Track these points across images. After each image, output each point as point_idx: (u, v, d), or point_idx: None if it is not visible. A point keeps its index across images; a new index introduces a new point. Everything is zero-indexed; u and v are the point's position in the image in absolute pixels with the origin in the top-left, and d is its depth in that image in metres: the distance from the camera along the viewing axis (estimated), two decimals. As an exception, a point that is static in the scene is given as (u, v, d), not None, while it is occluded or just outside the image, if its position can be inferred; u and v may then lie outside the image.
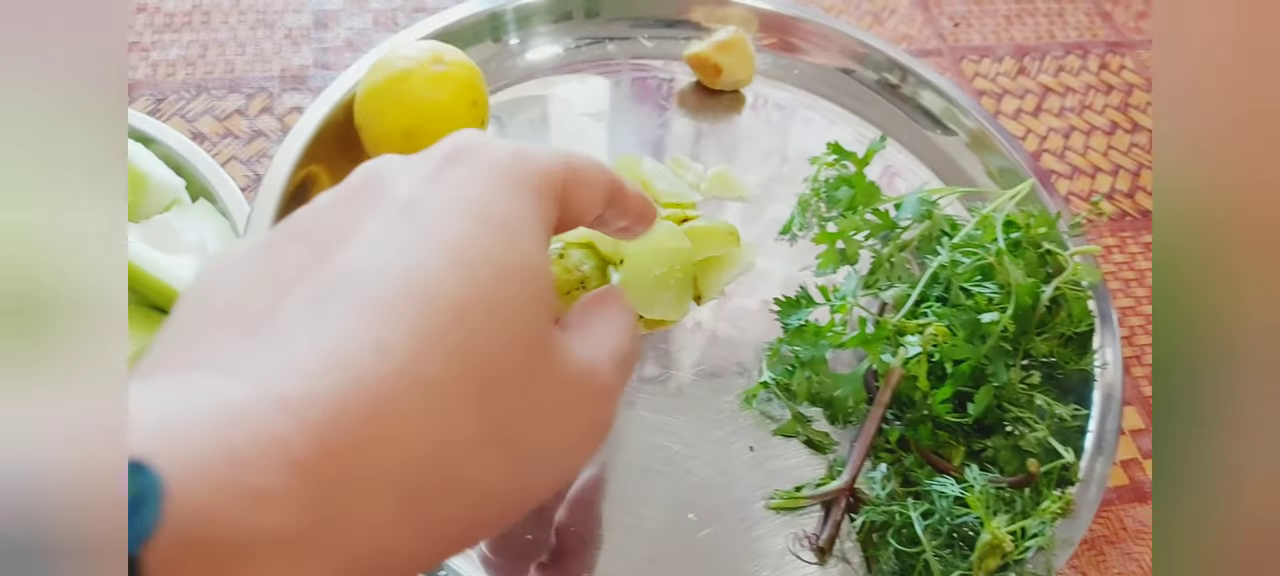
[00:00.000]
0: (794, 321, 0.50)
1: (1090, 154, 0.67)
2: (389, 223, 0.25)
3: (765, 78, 0.65)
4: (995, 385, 0.46)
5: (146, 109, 0.59)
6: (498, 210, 0.26)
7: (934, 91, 0.63)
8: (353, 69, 0.56)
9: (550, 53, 0.63)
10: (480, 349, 0.24)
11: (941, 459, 0.46)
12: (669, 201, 0.55)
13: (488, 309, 0.24)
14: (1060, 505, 0.42)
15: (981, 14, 0.75)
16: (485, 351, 0.24)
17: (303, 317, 0.23)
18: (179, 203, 0.49)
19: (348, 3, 0.67)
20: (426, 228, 0.25)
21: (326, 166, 0.54)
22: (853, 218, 0.51)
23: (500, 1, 0.62)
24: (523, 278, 0.25)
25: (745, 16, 0.65)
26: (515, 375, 0.25)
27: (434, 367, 0.23)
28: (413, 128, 0.50)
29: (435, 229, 0.25)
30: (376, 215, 0.25)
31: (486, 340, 0.24)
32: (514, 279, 0.25)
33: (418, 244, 0.24)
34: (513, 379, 0.25)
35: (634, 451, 0.47)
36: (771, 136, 0.62)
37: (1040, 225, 0.49)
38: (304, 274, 0.24)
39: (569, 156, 0.30)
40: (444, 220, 0.25)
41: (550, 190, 0.28)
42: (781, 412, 0.49)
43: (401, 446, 0.22)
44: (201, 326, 0.24)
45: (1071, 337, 0.50)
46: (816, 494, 0.46)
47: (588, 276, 0.51)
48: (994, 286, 0.47)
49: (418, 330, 0.23)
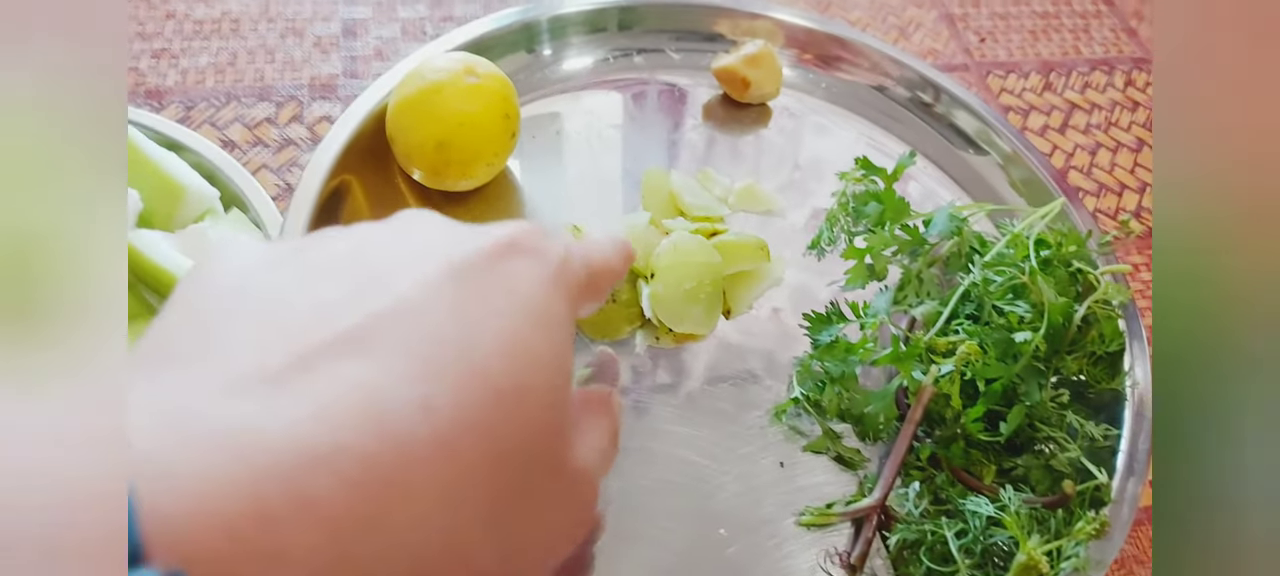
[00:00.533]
0: (824, 337, 0.50)
1: (1117, 171, 0.67)
2: (444, 285, 0.25)
3: (793, 91, 0.65)
4: (1027, 404, 0.46)
5: (176, 116, 0.59)
6: (544, 307, 0.27)
7: (967, 111, 0.63)
8: (383, 79, 0.56)
9: (579, 65, 0.64)
10: (505, 434, 0.24)
11: (973, 477, 0.46)
12: (697, 215, 0.55)
13: (519, 397, 0.25)
14: (1095, 526, 0.42)
15: (1007, 30, 0.75)
16: (508, 437, 0.24)
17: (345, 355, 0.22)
18: (212, 212, 0.50)
19: (376, 12, 0.67)
20: (480, 304, 0.25)
21: (358, 176, 0.54)
22: (882, 233, 0.51)
23: (533, 13, 0.62)
24: (553, 373, 0.26)
25: (773, 30, 0.66)
26: (526, 465, 0.25)
27: (465, 442, 0.23)
28: (445, 139, 0.50)
29: (489, 308, 0.25)
30: (428, 270, 0.25)
31: (513, 427, 0.24)
32: (547, 374, 0.26)
33: (470, 316, 0.25)
34: (523, 469, 0.25)
35: (659, 465, 0.47)
36: (799, 151, 0.62)
37: (1071, 243, 0.49)
38: (346, 305, 0.24)
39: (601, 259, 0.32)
40: (497, 303, 0.26)
41: (583, 292, 0.31)
42: (810, 428, 0.49)
43: (423, 518, 0.22)
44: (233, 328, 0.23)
45: (1101, 357, 0.49)
46: (848, 511, 0.46)
47: (617, 289, 0.51)
48: (1026, 305, 0.47)
49: (460, 401, 0.23)
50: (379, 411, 0.22)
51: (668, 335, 0.51)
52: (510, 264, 0.27)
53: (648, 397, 0.49)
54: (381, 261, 0.25)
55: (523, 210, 0.56)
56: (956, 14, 0.75)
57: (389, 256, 0.26)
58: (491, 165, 0.53)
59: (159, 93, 0.61)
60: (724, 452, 0.48)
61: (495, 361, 0.24)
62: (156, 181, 0.48)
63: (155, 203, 0.48)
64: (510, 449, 0.24)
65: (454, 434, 0.23)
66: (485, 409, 0.24)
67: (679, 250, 0.51)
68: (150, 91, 0.61)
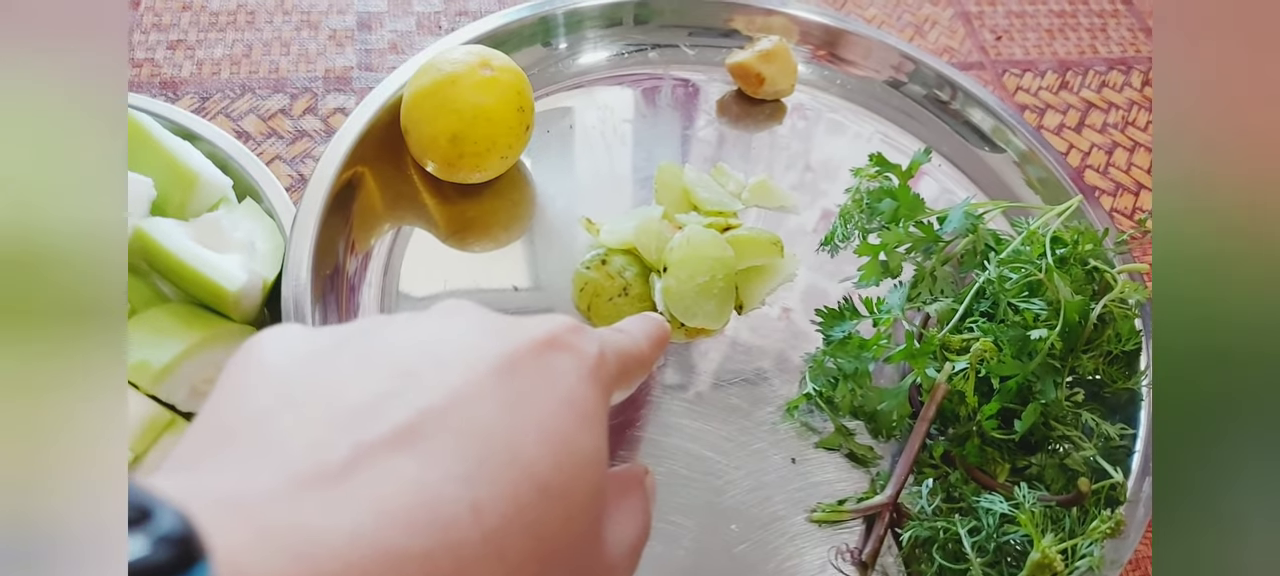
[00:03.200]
0: (837, 334, 0.50)
1: (1134, 170, 0.66)
2: (491, 380, 0.25)
3: (807, 88, 0.64)
4: (1042, 402, 0.45)
5: (191, 107, 0.59)
6: (584, 401, 0.27)
7: (983, 109, 0.63)
8: (398, 71, 0.56)
9: (594, 59, 0.63)
10: (550, 529, 0.25)
11: (987, 475, 0.46)
12: (711, 210, 0.55)
13: (564, 492, 0.25)
14: (1110, 525, 0.42)
15: (1023, 28, 0.75)
16: (552, 533, 0.25)
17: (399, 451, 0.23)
18: (226, 201, 0.50)
19: (391, 5, 0.68)
20: (525, 399, 0.26)
21: (371, 168, 0.54)
22: (896, 230, 0.51)
23: (549, 7, 0.62)
24: (593, 466, 0.27)
25: (788, 26, 0.65)
26: (567, 559, 0.26)
27: (512, 539, 0.23)
28: (460, 132, 0.50)
29: (533, 403, 0.26)
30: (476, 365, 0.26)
31: (558, 523, 0.25)
32: (587, 467, 0.26)
33: (516, 413, 0.25)
34: (564, 562, 0.26)
35: (670, 460, 0.47)
36: (812, 148, 0.62)
37: (1087, 242, 0.49)
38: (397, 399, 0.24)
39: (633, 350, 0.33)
40: (541, 398, 0.26)
41: (615, 383, 0.31)
42: (822, 425, 0.49)
43: None
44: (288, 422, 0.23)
45: (1117, 356, 0.49)
46: (860, 508, 0.45)
47: (630, 283, 0.51)
48: (1042, 303, 0.46)
49: (508, 498, 0.23)
50: (434, 513, 0.22)
51: (680, 330, 0.51)
52: (551, 359, 0.27)
53: (658, 393, 0.49)
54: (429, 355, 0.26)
55: (535, 203, 0.56)
56: (972, 12, 0.75)
57: (436, 350, 0.26)
58: (505, 158, 0.53)
59: (174, 83, 0.61)
60: (735, 448, 0.48)
61: (541, 458, 0.25)
62: (170, 170, 0.48)
63: (169, 191, 0.48)
64: (553, 544, 0.25)
65: (502, 533, 0.23)
66: (532, 508, 0.24)
67: (692, 245, 0.51)
68: (166, 82, 0.61)
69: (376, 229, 0.53)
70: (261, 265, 0.47)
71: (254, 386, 0.25)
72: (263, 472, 0.22)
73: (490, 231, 0.54)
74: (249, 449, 0.23)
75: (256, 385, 0.25)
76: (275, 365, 0.25)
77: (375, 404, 0.24)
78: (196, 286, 0.45)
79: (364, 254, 0.52)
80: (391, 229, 0.53)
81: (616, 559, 0.30)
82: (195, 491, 0.20)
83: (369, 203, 0.53)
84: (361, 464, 0.22)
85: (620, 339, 0.33)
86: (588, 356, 0.29)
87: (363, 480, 0.22)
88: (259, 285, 0.46)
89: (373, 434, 0.23)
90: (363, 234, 0.53)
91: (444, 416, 0.24)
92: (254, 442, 0.23)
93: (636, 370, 0.34)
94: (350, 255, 0.51)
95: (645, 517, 0.32)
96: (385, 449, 0.23)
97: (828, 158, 0.61)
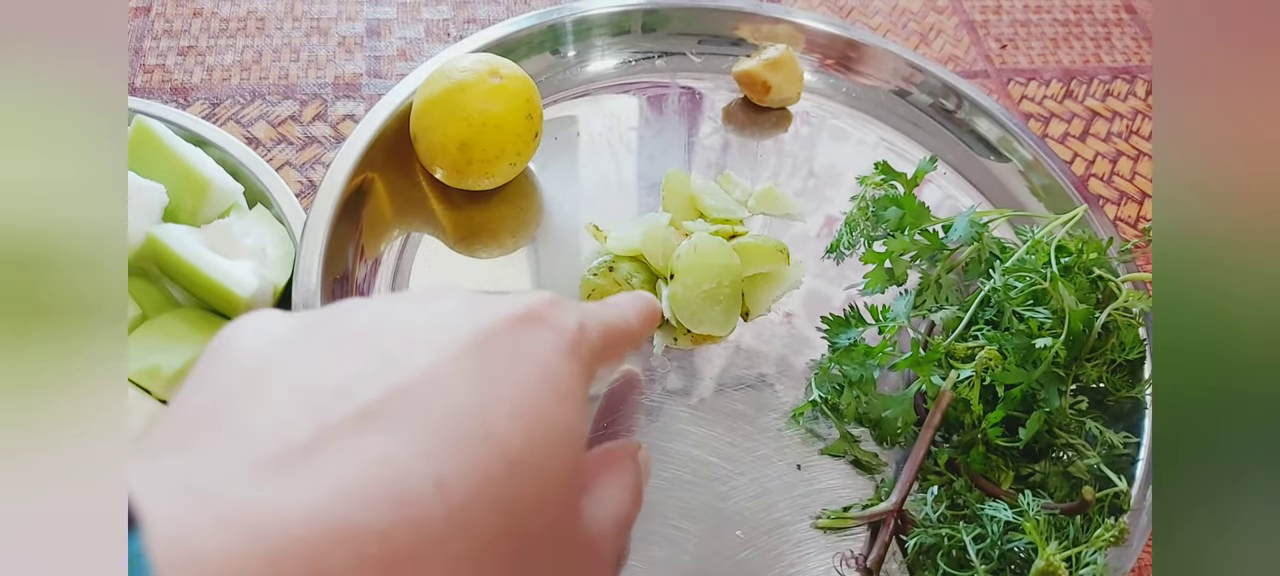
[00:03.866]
0: (843, 341, 0.50)
1: (1138, 179, 0.67)
2: (462, 358, 0.25)
3: (813, 96, 0.65)
4: (1046, 410, 0.46)
5: (202, 113, 0.60)
6: (559, 375, 0.27)
7: (988, 117, 0.63)
8: (408, 78, 0.57)
9: (602, 67, 0.64)
10: (522, 504, 0.24)
11: (991, 483, 0.46)
12: (717, 217, 0.56)
13: (536, 467, 0.25)
14: (1114, 533, 0.42)
15: (1028, 37, 0.75)
16: (524, 507, 0.25)
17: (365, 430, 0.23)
18: (237, 207, 0.50)
19: (401, 12, 0.68)
20: (498, 375, 0.26)
21: (381, 174, 0.54)
22: (901, 238, 0.51)
23: (557, 15, 0.62)
24: (569, 441, 0.27)
25: (794, 35, 0.66)
26: (542, 534, 0.26)
27: (480, 514, 0.23)
28: (469, 139, 0.51)
29: (506, 379, 0.26)
30: (447, 344, 0.26)
31: (529, 496, 0.25)
32: (562, 442, 0.26)
33: (487, 389, 0.25)
34: (539, 538, 0.26)
35: (674, 465, 0.47)
36: (817, 156, 0.62)
37: (1092, 250, 0.49)
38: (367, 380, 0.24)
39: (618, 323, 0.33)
40: (514, 373, 0.26)
41: (599, 358, 0.31)
42: (827, 431, 0.49)
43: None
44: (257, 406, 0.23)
45: (1121, 365, 0.49)
46: (865, 514, 0.46)
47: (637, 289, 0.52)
48: (1046, 311, 0.46)
49: (476, 473, 0.23)
50: (396, 488, 0.22)
51: (686, 336, 0.52)
52: (526, 335, 0.27)
53: (662, 399, 0.50)
54: (402, 335, 0.26)
55: (543, 210, 0.56)
56: (977, 21, 0.75)
57: (410, 330, 0.26)
58: (514, 165, 0.53)
59: (185, 89, 0.61)
60: (739, 454, 0.48)
61: (513, 433, 0.25)
62: (182, 176, 0.48)
63: (180, 197, 0.48)
64: (526, 520, 0.25)
65: (469, 508, 0.23)
66: (501, 482, 0.24)
67: (699, 252, 0.51)
68: (176, 88, 0.61)
69: (386, 235, 0.54)
70: (272, 271, 0.47)
71: (224, 373, 0.25)
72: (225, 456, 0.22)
73: (498, 238, 0.55)
74: (214, 434, 0.23)
75: (227, 371, 0.25)
76: (248, 351, 0.25)
77: (344, 385, 0.24)
78: (208, 292, 0.45)
79: (373, 260, 0.52)
80: (400, 235, 0.54)
81: (597, 533, 0.29)
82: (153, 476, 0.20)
83: (378, 209, 0.54)
84: (325, 444, 0.22)
85: (605, 313, 0.33)
86: (566, 331, 0.29)
87: (325, 459, 0.22)
88: (270, 291, 0.47)
89: (338, 414, 0.23)
90: (372, 240, 0.53)
91: (413, 394, 0.24)
92: (220, 428, 0.23)
93: (624, 345, 0.33)
94: (360, 261, 0.52)
95: (634, 492, 0.32)
96: (350, 428, 0.23)
97: (832, 165, 0.61)
